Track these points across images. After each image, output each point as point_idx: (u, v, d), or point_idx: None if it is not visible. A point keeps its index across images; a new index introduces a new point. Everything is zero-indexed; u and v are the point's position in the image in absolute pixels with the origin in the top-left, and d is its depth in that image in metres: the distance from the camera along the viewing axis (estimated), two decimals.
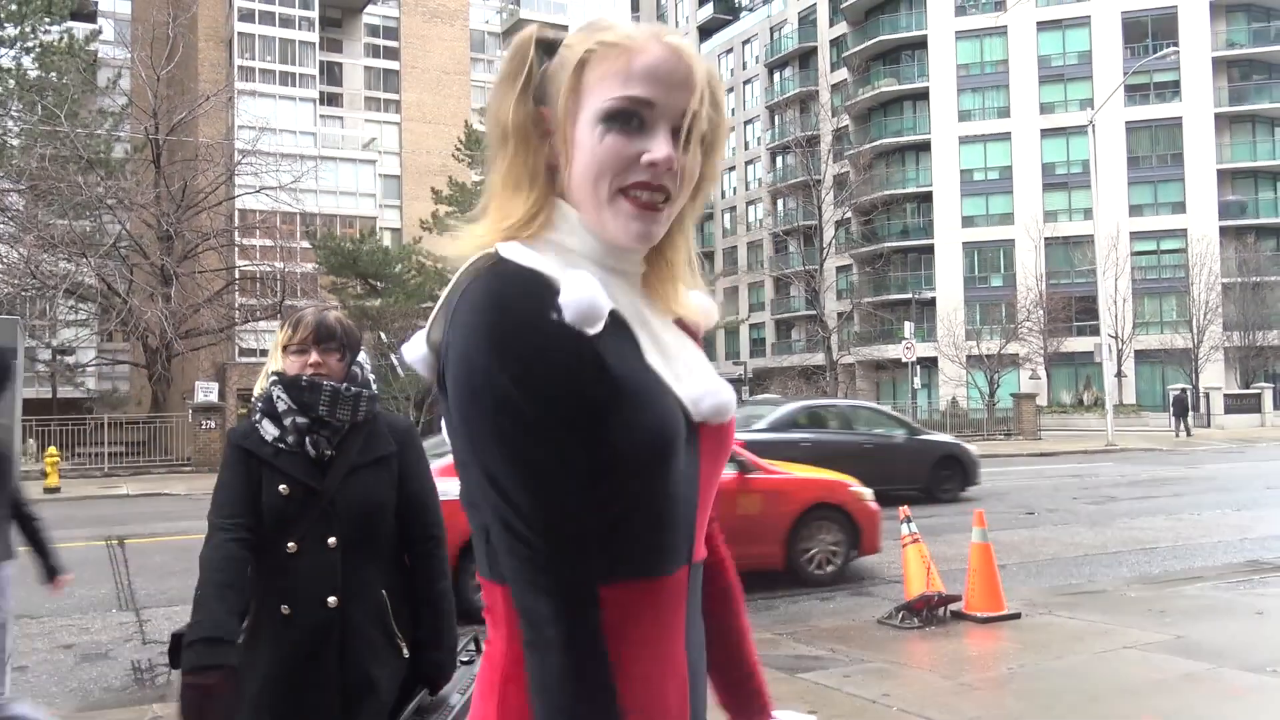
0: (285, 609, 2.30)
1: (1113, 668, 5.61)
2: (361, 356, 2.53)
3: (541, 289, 1.02)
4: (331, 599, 2.30)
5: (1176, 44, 44.98)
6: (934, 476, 15.18)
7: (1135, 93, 49.21)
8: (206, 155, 31.06)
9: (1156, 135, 50.56)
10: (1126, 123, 49.44)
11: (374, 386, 2.51)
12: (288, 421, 2.38)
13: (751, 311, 65.24)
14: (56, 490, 19.18)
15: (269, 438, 2.39)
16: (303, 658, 2.28)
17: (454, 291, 1.07)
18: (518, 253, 1.06)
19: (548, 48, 1.12)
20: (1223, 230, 48.42)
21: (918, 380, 36.19)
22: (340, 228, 42.54)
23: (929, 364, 46.64)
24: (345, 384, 2.43)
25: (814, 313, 48.23)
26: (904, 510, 7.23)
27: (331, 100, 54.86)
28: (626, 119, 1.06)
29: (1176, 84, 50.01)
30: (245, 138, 33.26)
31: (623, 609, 1.04)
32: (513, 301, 1.01)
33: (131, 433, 26.60)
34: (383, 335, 34.31)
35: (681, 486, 1.08)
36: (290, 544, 2.32)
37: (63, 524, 13.64)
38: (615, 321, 1.07)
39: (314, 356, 2.41)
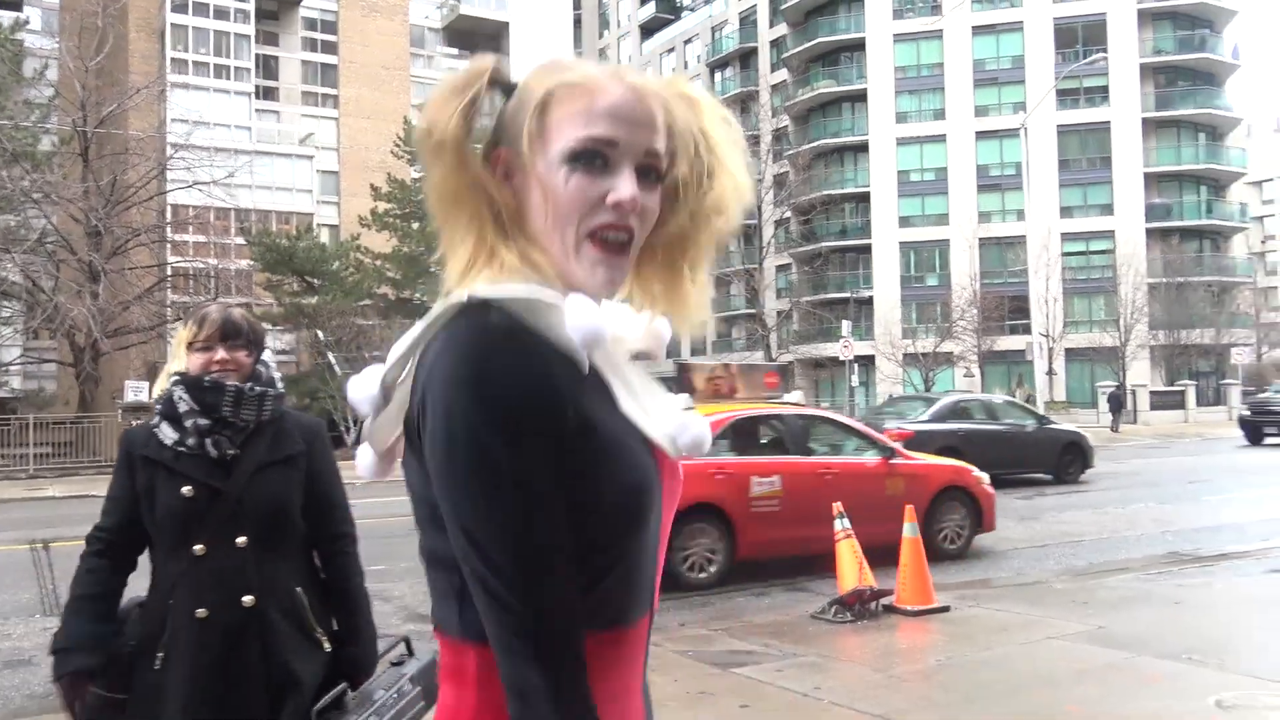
0: (201, 612, 2.28)
1: (1036, 658, 5.76)
2: (266, 355, 2.50)
3: (523, 337, 1.00)
4: (247, 598, 2.29)
5: (1105, 50, 46.09)
6: (1060, 461, 17.20)
7: (1066, 97, 50.34)
8: (137, 149, 30.32)
9: (1086, 139, 51.76)
10: (1057, 126, 50.53)
11: (279, 385, 2.47)
12: (188, 423, 2.33)
13: None
14: None
15: (168, 441, 2.35)
16: (226, 658, 2.27)
17: (423, 339, 1.04)
18: (495, 293, 1.03)
19: (504, 89, 1.11)
20: (1149, 232, 49.78)
21: (855, 378, 36.65)
22: (276, 224, 41.84)
23: (866, 362, 47.24)
24: (250, 383, 2.40)
25: (754, 311, 48.58)
26: (837, 506, 7.33)
27: (267, 94, 53.90)
28: (590, 159, 1.05)
29: (1105, 89, 51.24)
30: (178, 131, 32.55)
31: (594, 661, 1.02)
32: (496, 354, 0.98)
33: (58, 433, 25.88)
34: (320, 333, 33.80)
35: (653, 534, 1.08)
36: (198, 546, 2.29)
37: None
38: (590, 368, 1.05)
39: (220, 353, 2.38)
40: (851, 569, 6.93)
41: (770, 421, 9.72)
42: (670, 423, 1.10)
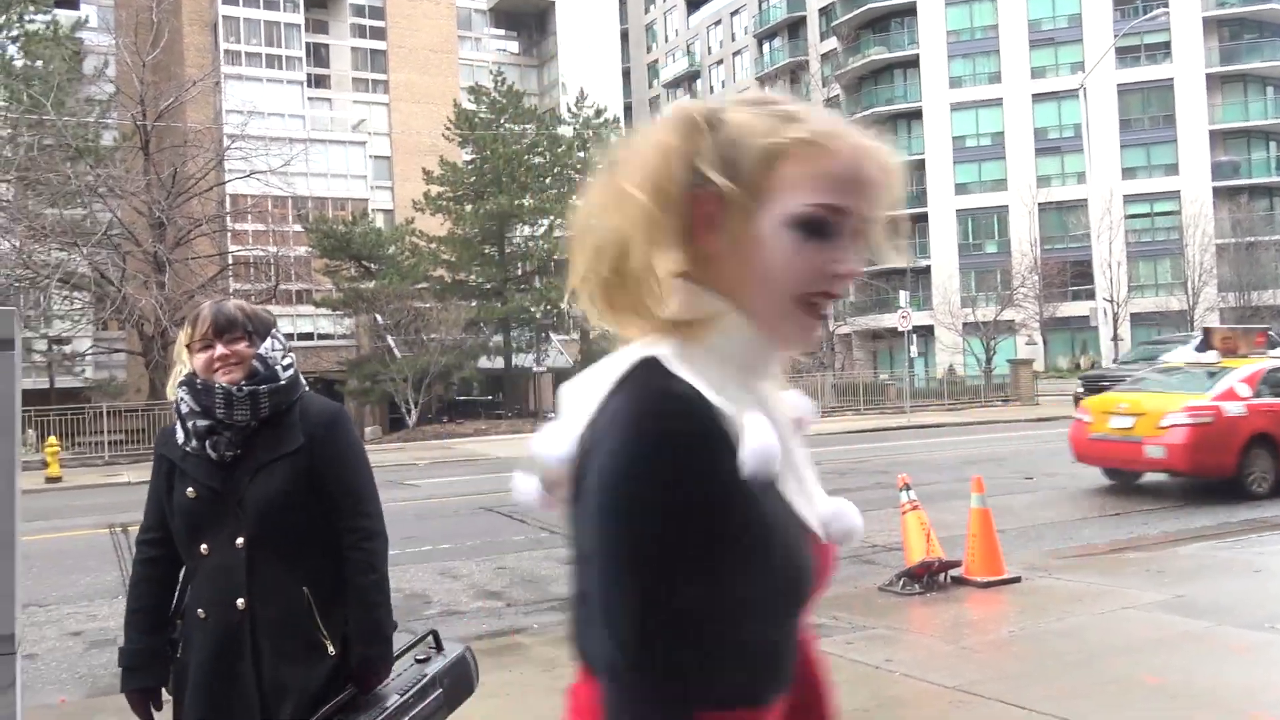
0: (201, 612, 2.30)
1: (1112, 628, 5.66)
2: (268, 344, 2.42)
3: (701, 425, 0.97)
4: (239, 600, 2.26)
5: (1166, 4, 44.79)
6: None
7: (1126, 55, 49.00)
8: (195, 141, 30.92)
9: (1148, 97, 50.40)
10: (1118, 85, 49.25)
11: (284, 377, 2.39)
12: (189, 425, 2.33)
13: None
14: (58, 480, 19.21)
15: (180, 440, 2.37)
16: (217, 661, 2.27)
17: (606, 390, 1.02)
18: (678, 368, 1.00)
19: (708, 121, 1.05)
20: (1216, 191, 48.41)
21: (914, 349, 36.20)
22: (332, 210, 42.33)
23: (925, 332, 46.66)
24: (239, 384, 2.33)
25: None
26: (903, 478, 7.27)
27: (319, 82, 54.48)
28: (821, 227, 1.02)
29: (1167, 45, 49.80)
30: (234, 122, 33.04)
31: None
32: (668, 438, 0.96)
33: (130, 420, 26.58)
34: (379, 317, 34.26)
35: (801, 620, 1.08)
36: (203, 546, 2.31)
37: (65, 513, 13.70)
38: None
39: (219, 349, 2.34)
40: (919, 541, 6.87)
41: None
42: (826, 506, 1.10)
